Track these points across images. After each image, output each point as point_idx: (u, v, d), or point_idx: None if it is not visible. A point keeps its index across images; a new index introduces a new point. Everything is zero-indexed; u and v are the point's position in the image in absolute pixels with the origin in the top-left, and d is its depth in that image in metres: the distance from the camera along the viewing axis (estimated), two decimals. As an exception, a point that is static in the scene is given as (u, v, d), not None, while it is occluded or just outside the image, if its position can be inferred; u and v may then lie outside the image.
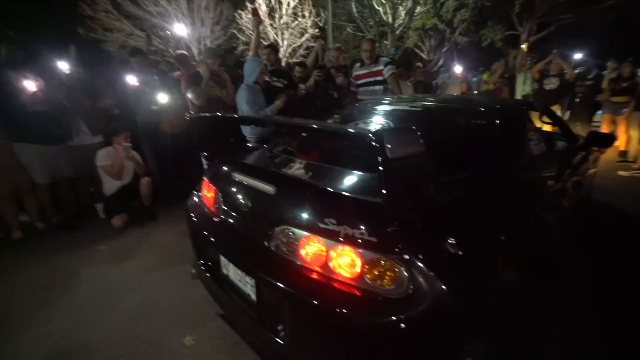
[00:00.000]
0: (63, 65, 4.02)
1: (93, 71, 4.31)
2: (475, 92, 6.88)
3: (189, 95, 3.59)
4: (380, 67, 3.75)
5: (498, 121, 1.75)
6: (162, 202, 4.03)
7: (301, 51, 13.56)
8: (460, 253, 1.13)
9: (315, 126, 1.37)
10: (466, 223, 1.26)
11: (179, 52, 4.63)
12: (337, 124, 1.99)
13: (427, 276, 1.06)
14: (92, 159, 3.60)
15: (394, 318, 1.04)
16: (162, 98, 3.84)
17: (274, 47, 4.31)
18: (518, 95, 6.12)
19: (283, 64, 5.64)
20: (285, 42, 13.39)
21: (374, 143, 0.98)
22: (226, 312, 1.70)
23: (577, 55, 13.55)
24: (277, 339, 1.29)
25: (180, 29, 11.41)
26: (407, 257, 1.07)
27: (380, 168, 0.99)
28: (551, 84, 5.62)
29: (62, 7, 12.97)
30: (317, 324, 1.19)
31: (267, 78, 3.72)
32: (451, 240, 1.12)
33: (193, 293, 2.40)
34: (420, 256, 1.07)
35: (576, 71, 6.31)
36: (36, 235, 3.53)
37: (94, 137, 3.91)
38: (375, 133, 0.99)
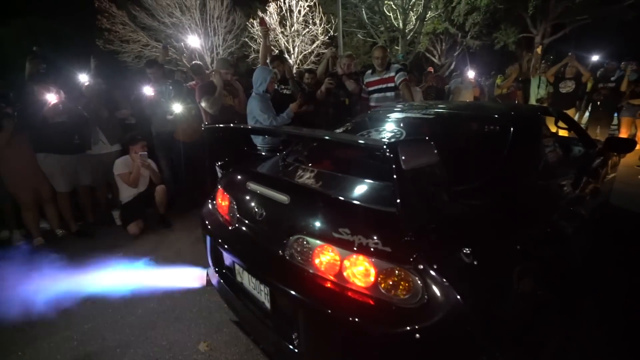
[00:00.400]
0: (83, 77, 4.17)
1: (111, 82, 4.46)
2: (487, 96, 6.80)
3: (203, 104, 3.67)
4: (392, 74, 3.75)
5: (512, 128, 1.73)
6: (176, 210, 4.11)
7: (312, 58, 13.70)
8: (476, 263, 1.12)
9: (329, 138, 1.38)
10: (481, 232, 1.24)
11: (194, 62, 4.75)
12: (352, 135, 2.00)
13: (442, 286, 1.06)
14: (109, 167, 3.70)
15: (408, 328, 1.04)
16: (177, 108, 3.94)
17: (280, 58, 4.38)
18: (532, 100, 6.01)
19: (294, 71, 5.72)
20: (297, 50, 13.57)
21: (388, 154, 0.99)
22: (240, 319, 1.71)
23: (594, 57, 13.23)
24: (291, 347, 1.29)
25: (193, 41, 11.70)
26: (421, 267, 1.06)
27: (395, 178, 0.99)
28: (567, 87, 5.51)
29: (82, 21, 13.49)
30: (332, 332, 1.20)
31: (275, 86, 3.78)
32: (466, 250, 1.11)
33: (207, 300, 2.43)
34: (435, 266, 1.06)
35: (598, 73, 6.14)
36: (56, 242, 3.64)
37: (111, 146, 4.03)
38: (390, 144, 1.00)
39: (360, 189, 1.43)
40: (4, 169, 3.36)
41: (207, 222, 1.91)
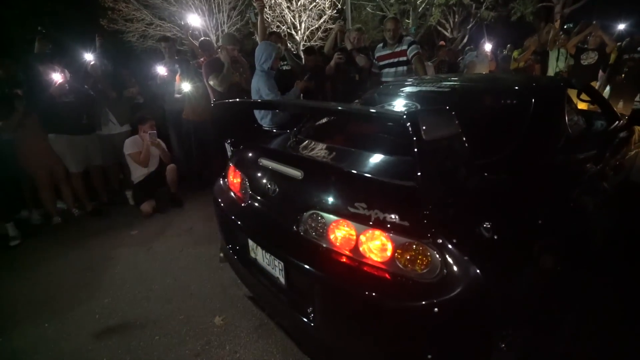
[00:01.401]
0: (88, 57, 4.13)
1: (117, 61, 4.41)
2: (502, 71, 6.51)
3: (211, 82, 3.59)
4: (404, 47, 3.59)
5: (534, 100, 1.65)
6: (187, 189, 4.14)
7: (319, 34, 13.28)
8: (495, 237, 1.09)
9: (346, 110, 1.34)
10: (501, 207, 1.21)
11: (202, 38, 4.65)
12: (368, 106, 1.93)
13: (461, 261, 1.04)
14: (120, 147, 3.72)
15: (426, 302, 1.03)
16: (185, 86, 3.89)
17: (278, 35, 4.26)
18: (550, 73, 5.75)
19: (301, 47, 5.55)
20: (303, 25, 13.14)
21: (408, 125, 0.94)
22: (255, 294, 1.74)
23: (620, 27, 12.44)
24: (307, 321, 1.31)
25: (194, 20, 11.35)
26: (440, 241, 1.04)
27: (415, 150, 0.95)
28: (589, 58, 5.21)
29: (86, 1, 13.24)
30: (347, 306, 1.20)
31: None
32: (486, 225, 1.08)
33: (221, 276, 2.48)
34: (454, 240, 1.04)
35: (622, 43, 5.76)
36: (73, 221, 3.73)
37: (121, 126, 4.04)
38: (410, 114, 0.96)
39: (375, 164, 1.39)
40: (19, 149, 3.41)
41: (219, 200, 1.91)
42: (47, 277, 2.71)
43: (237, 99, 1.82)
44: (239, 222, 1.67)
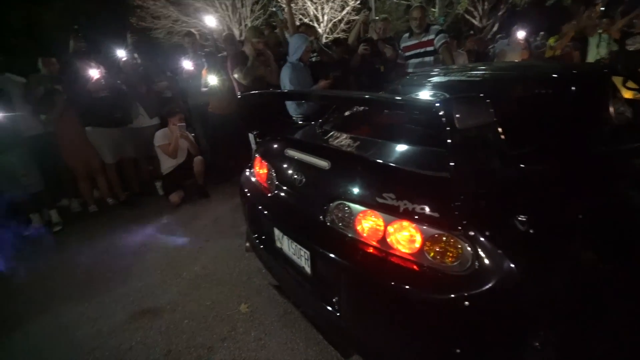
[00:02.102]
0: (120, 53, 4.29)
1: (146, 57, 4.56)
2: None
3: (236, 75, 3.64)
4: (431, 37, 3.48)
5: (574, 88, 1.55)
6: (213, 181, 4.24)
7: (342, 26, 13.12)
8: (532, 231, 1.04)
9: (375, 99, 1.31)
10: (538, 200, 1.15)
11: (226, 32, 4.72)
12: (397, 95, 1.88)
13: (494, 254, 1.00)
14: (150, 140, 3.86)
15: (456, 295, 1.01)
16: (212, 80, 3.95)
17: (307, 25, 4.22)
18: (590, 60, 5.37)
19: (324, 40, 5.50)
20: (326, 17, 13.02)
21: (441, 113, 0.91)
22: (280, 283, 1.77)
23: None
24: (332, 310, 1.31)
25: (210, 21, 11.44)
26: (472, 233, 1.01)
27: (447, 140, 0.93)
28: (637, 43, 4.82)
29: (116, 0, 13.76)
30: (374, 297, 1.20)
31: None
32: (521, 218, 1.04)
33: (246, 265, 2.54)
34: (487, 233, 1.01)
35: None
36: (107, 209, 3.93)
37: (151, 119, 4.18)
38: (443, 102, 0.93)
39: (403, 154, 1.37)
40: (60, 142, 3.62)
41: (245, 190, 1.94)
42: (86, 261, 2.88)
43: (264, 91, 1.83)
44: (265, 212, 1.69)
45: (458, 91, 1.97)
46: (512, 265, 1.00)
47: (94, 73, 3.56)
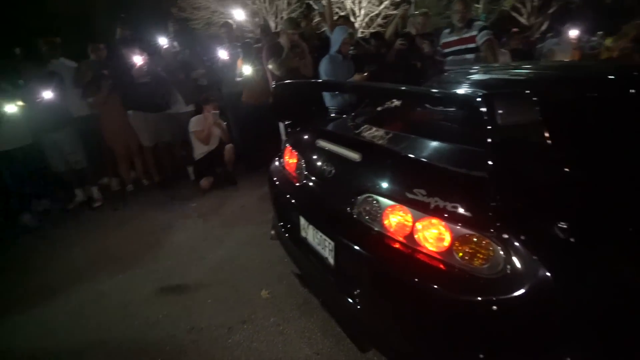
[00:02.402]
0: (162, 41, 4.47)
1: (185, 46, 4.71)
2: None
3: (270, 66, 3.68)
4: (474, 33, 3.29)
5: (634, 90, 1.43)
6: (242, 169, 4.35)
7: (379, 20, 12.88)
8: (573, 240, 0.98)
9: (411, 91, 1.28)
10: (584, 207, 1.08)
11: (262, 23, 4.77)
12: (436, 88, 1.82)
13: (529, 260, 0.95)
14: (185, 126, 4.01)
15: (484, 298, 0.98)
16: (246, 70, 4.02)
17: (346, 18, 4.17)
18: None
19: (359, 34, 5.43)
20: (362, 12, 12.83)
21: (482, 108, 0.88)
22: (302, 272, 1.78)
23: None
24: (352, 303, 1.31)
25: (239, 15, 11.57)
26: (506, 236, 0.97)
27: (487, 137, 0.89)
28: None
29: (160, -9, 14.36)
30: (396, 293, 1.18)
31: None
32: (562, 225, 0.98)
33: (269, 253, 2.58)
34: (523, 237, 0.96)
35: None
36: (142, 190, 4.13)
37: (187, 106, 4.33)
38: (485, 96, 0.89)
39: (435, 151, 1.33)
40: (103, 124, 3.84)
41: (274, 179, 1.97)
42: (120, 236, 3.06)
43: (297, 80, 1.84)
44: (293, 201, 1.71)
45: (499, 90, 1.89)
46: (548, 274, 0.95)
47: (138, 60, 3.74)
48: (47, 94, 3.29)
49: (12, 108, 3.19)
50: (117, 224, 3.30)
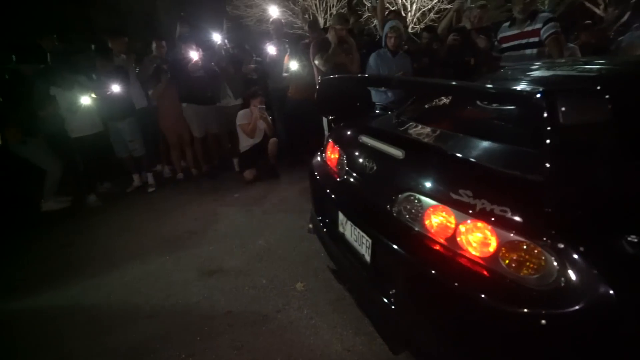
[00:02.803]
0: (216, 37, 4.68)
1: (237, 42, 4.90)
2: None
3: (316, 61, 3.70)
4: (538, 26, 2.96)
5: None
6: (284, 163, 4.44)
7: (431, 15, 12.36)
8: (643, 256, 0.87)
9: (462, 87, 1.21)
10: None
11: (310, 19, 4.81)
12: (491, 84, 1.69)
13: (588, 273, 0.86)
14: (232, 119, 4.18)
15: (531, 311, 0.90)
16: (293, 65, 4.08)
17: (396, 12, 4.04)
18: None
19: (410, 30, 5.24)
20: (415, 6, 12.40)
21: (542, 105, 0.80)
22: (338, 267, 1.78)
23: None
24: (386, 302, 1.28)
25: (274, 12, 11.63)
26: (562, 246, 0.88)
27: (546, 136, 0.81)
28: None
29: (215, -10, 15.11)
30: (433, 296, 1.14)
31: None
32: (632, 238, 0.87)
33: (306, 247, 2.62)
34: (582, 249, 0.87)
35: None
36: (191, 178, 4.39)
37: (235, 100, 4.51)
38: (546, 92, 0.81)
39: (485, 151, 1.24)
40: (160, 115, 4.14)
41: (315, 173, 1.99)
42: (169, 221, 3.28)
43: (342, 75, 1.82)
44: (332, 196, 1.71)
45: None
46: (611, 291, 0.85)
47: (194, 55, 3.96)
48: (115, 87, 3.63)
49: (86, 100, 3.56)
50: (167, 209, 3.55)
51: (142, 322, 2.01)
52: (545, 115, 0.81)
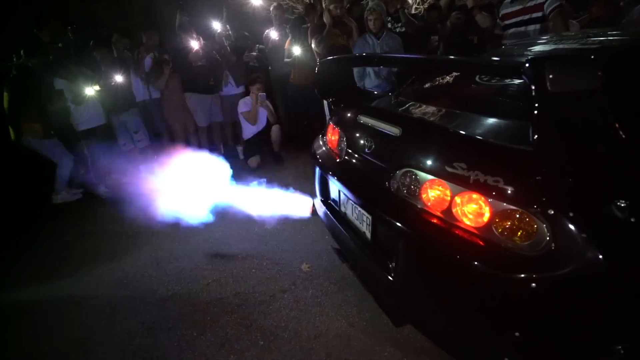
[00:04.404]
0: (216, 26, 4.66)
1: (238, 29, 4.88)
2: None
3: (313, 45, 3.65)
4: (541, 0, 2.91)
5: None
6: (288, 149, 4.47)
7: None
8: (633, 220, 0.89)
9: (454, 61, 1.22)
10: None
11: (307, 3, 4.75)
12: (479, 57, 1.67)
13: (577, 238, 0.89)
14: (235, 107, 4.20)
15: (523, 275, 0.93)
16: (296, 50, 4.06)
17: None
18: None
19: (413, 10, 5.14)
20: (417, -13, 12.07)
21: (530, 72, 0.81)
22: (341, 246, 1.83)
23: None
24: (386, 275, 1.33)
25: None
26: (552, 212, 0.91)
27: (534, 103, 0.83)
28: None
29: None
30: (431, 267, 1.18)
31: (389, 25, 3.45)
32: (621, 203, 0.89)
33: (311, 230, 2.68)
34: (572, 214, 0.89)
35: None
36: (197, 167, 4.45)
37: (237, 88, 4.52)
38: (533, 61, 0.82)
39: (481, 125, 1.25)
40: (164, 105, 4.18)
41: (317, 156, 2.02)
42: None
43: (340, 56, 1.83)
44: (333, 177, 1.74)
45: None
46: (600, 255, 0.88)
47: (195, 44, 3.97)
48: (118, 78, 3.67)
49: (90, 91, 3.61)
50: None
51: (156, 304, 2.10)
52: (533, 84, 0.83)
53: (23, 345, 1.92)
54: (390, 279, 1.32)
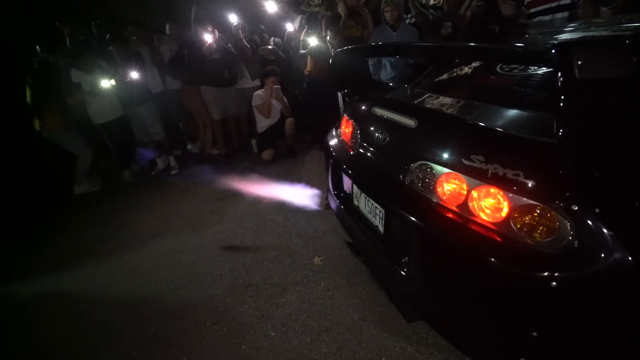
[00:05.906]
0: (232, 18, 4.65)
1: (254, 22, 4.85)
2: None
3: (327, 36, 3.59)
4: None
5: None
6: (302, 143, 4.45)
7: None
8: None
9: (473, 48, 1.16)
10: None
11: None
12: (503, 44, 1.59)
13: (604, 236, 0.84)
14: (250, 100, 4.21)
15: (542, 274, 0.89)
16: (312, 41, 4.00)
17: None
18: None
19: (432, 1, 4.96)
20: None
21: (557, 58, 0.76)
22: (353, 240, 1.81)
23: None
24: (400, 271, 1.30)
25: None
26: (575, 208, 0.86)
27: (561, 93, 0.77)
28: None
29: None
30: (445, 262, 1.14)
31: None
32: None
33: (324, 223, 2.66)
34: (598, 210, 0.84)
35: None
36: (211, 160, 4.50)
37: (252, 81, 4.52)
38: (561, 45, 0.76)
39: (500, 117, 1.20)
40: (183, 97, 4.24)
41: (330, 149, 1.99)
42: (192, 201, 3.42)
43: (357, 45, 1.78)
44: (347, 170, 1.72)
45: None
46: (629, 256, 0.82)
47: (209, 37, 3.97)
48: (134, 73, 3.73)
49: (106, 83, 3.68)
50: (189, 190, 3.68)
51: (171, 293, 2.14)
52: (560, 70, 0.77)
53: (46, 329, 2.00)
54: (403, 274, 1.29)
